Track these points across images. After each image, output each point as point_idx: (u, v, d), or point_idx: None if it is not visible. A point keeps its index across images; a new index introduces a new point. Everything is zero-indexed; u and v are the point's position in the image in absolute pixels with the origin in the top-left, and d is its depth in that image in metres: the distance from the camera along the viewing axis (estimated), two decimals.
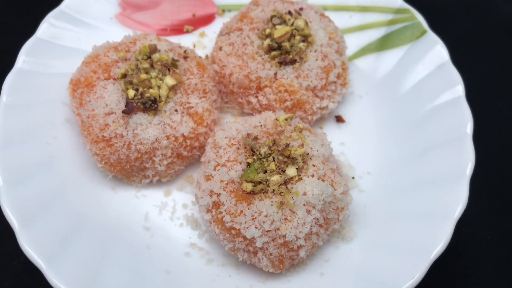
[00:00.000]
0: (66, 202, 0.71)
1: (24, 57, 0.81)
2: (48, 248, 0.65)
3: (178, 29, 0.93)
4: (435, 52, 0.84)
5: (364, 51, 0.90)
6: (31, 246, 0.65)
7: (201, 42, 0.91)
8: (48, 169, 0.74)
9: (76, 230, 0.69)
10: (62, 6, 0.87)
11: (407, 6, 0.89)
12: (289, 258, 0.65)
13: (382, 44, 0.89)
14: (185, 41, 0.92)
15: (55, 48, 0.84)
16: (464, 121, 0.77)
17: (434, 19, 1.00)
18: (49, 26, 0.85)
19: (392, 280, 0.64)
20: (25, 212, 0.68)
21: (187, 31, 0.93)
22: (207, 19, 0.94)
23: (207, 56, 0.89)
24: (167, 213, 0.75)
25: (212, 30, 0.93)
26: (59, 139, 0.78)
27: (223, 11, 0.95)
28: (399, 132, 0.81)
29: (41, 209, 0.69)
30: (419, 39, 0.86)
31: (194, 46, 0.91)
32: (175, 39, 0.92)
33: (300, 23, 0.80)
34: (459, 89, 0.80)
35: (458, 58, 0.92)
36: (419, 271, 0.64)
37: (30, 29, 0.89)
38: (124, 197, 0.76)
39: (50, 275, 0.63)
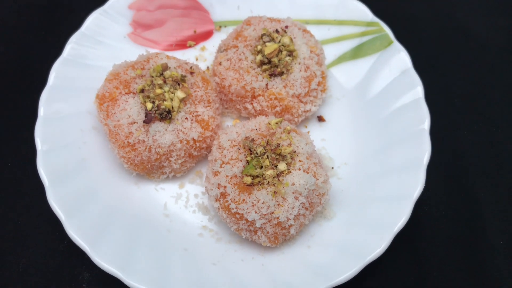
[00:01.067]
0: (99, 196, 0.86)
1: (54, 75, 0.95)
2: (89, 234, 0.80)
3: (182, 44, 1.06)
4: (399, 59, 0.99)
5: (340, 59, 1.05)
6: (76, 233, 0.79)
7: (203, 56, 1.06)
8: (82, 170, 0.88)
9: (109, 218, 0.83)
10: (82, 29, 1.00)
11: (376, 19, 1.03)
12: (282, 235, 0.81)
13: (356, 53, 1.04)
14: (189, 54, 1.06)
15: (79, 66, 0.97)
16: (422, 118, 0.92)
17: (402, 27, 1.15)
18: (73, 47, 0.98)
19: (364, 249, 0.80)
20: (68, 206, 0.82)
21: (190, 46, 1.06)
22: (207, 35, 1.08)
23: (208, 67, 1.04)
24: (182, 202, 0.90)
25: (211, 44, 1.07)
26: (89, 144, 0.92)
27: (220, 27, 1.09)
28: (370, 129, 0.96)
29: (81, 203, 0.83)
30: (387, 49, 1.01)
31: (197, 59, 1.05)
32: (180, 53, 1.06)
33: (286, 40, 0.94)
34: (419, 91, 0.95)
35: (422, 62, 1.08)
36: (385, 242, 0.80)
37: (56, 49, 1.04)
38: (146, 191, 0.90)
39: (93, 256, 0.78)
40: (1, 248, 0.87)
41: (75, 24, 1.10)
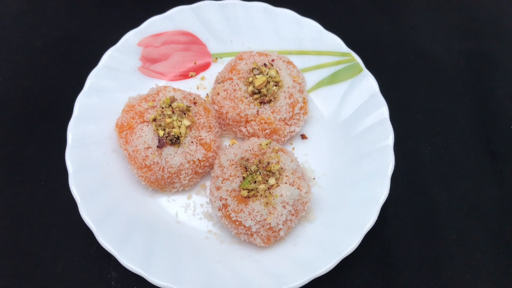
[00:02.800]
0: (122, 208, 1.02)
1: (78, 106, 1.10)
2: (116, 240, 0.96)
3: (185, 75, 1.22)
4: (368, 85, 1.15)
5: (319, 84, 1.21)
6: (105, 239, 0.95)
7: (202, 84, 1.21)
8: (106, 187, 1.04)
9: (131, 227, 0.99)
10: (100, 65, 1.16)
11: (349, 50, 1.18)
12: (273, 237, 0.98)
13: (332, 79, 1.20)
14: (191, 84, 1.21)
15: (99, 97, 1.12)
16: (387, 136, 1.08)
17: (371, 52, 1.32)
18: (92, 82, 1.13)
19: (339, 247, 0.96)
20: (96, 218, 0.98)
21: (191, 76, 1.22)
22: (205, 66, 1.24)
23: (207, 95, 1.20)
24: (190, 211, 1.06)
25: (209, 74, 1.23)
26: (110, 165, 1.07)
27: (216, 58, 1.24)
28: (344, 144, 1.12)
29: (107, 214, 0.99)
30: (357, 75, 1.17)
31: (198, 88, 1.20)
32: (183, 83, 1.21)
33: (272, 72, 1.10)
34: (385, 112, 1.10)
35: (388, 82, 1.25)
36: (357, 239, 0.96)
37: (75, 80, 1.20)
38: (160, 202, 1.07)
39: (121, 258, 0.94)
40: (41, 254, 1.03)
41: (89, 54, 1.26)
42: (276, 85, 1.10)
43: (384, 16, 1.40)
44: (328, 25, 1.23)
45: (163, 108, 1.04)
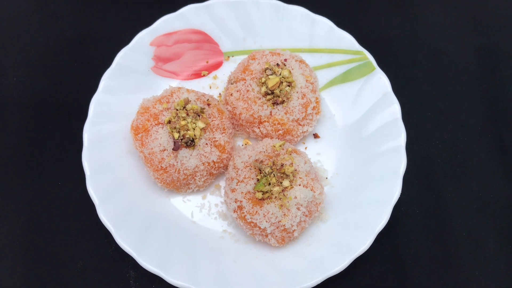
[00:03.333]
0: (139, 209, 1.04)
1: (93, 108, 1.11)
2: (134, 241, 0.98)
3: (197, 74, 1.22)
4: (381, 84, 1.15)
5: (331, 83, 1.21)
6: (124, 240, 0.97)
7: (215, 84, 1.22)
8: (122, 188, 1.05)
9: (148, 228, 1.01)
10: (113, 66, 1.15)
11: (361, 49, 1.18)
12: (288, 237, 1.00)
13: (344, 78, 1.20)
14: (204, 83, 1.21)
15: (112, 98, 1.12)
16: (399, 135, 1.09)
17: (383, 50, 1.32)
18: (106, 83, 1.13)
19: (352, 247, 0.98)
20: (115, 219, 0.99)
21: (204, 75, 1.22)
22: (217, 65, 1.24)
23: (220, 94, 1.20)
24: (205, 210, 1.08)
25: (222, 72, 1.23)
26: (125, 166, 1.08)
27: (228, 57, 1.24)
28: (356, 143, 1.13)
29: (124, 215, 1.00)
30: (370, 74, 1.16)
31: (210, 87, 1.21)
32: (195, 82, 1.22)
33: (285, 73, 1.10)
34: (397, 112, 1.11)
35: (400, 80, 1.25)
36: (369, 240, 0.98)
37: (88, 79, 1.21)
38: (176, 203, 1.08)
39: (139, 259, 0.96)
40: (61, 254, 1.05)
41: (101, 53, 1.27)
42: (289, 86, 1.10)
43: (396, 13, 1.39)
44: (341, 22, 1.23)
45: (177, 110, 1.05)
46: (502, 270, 1.07)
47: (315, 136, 1.17)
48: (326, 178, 1.12)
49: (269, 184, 0.98)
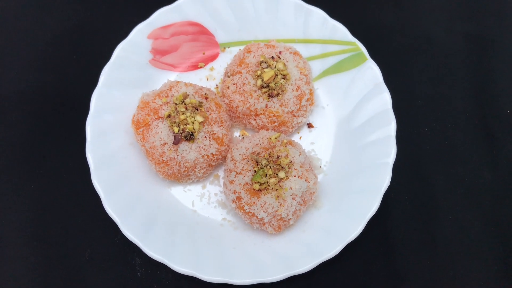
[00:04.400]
0: (143, 200, 1.08)
1: (94, 101, 1.14)
2: (139, 231, 1.03)
3: (194, 66, 1.24)
4: (372, 74, 1.17)
5: (325, 73, 1.24)
6: (129, 231, 1.02)
7: (212, 75, 1.24)
8: (126, 180, 1.09)
9: (152, 218, 1.06)
10: (112, 60, 1.17)
11: (354, 39, 1.20)
12: (284, 226, 1.05)
13: (337, 68, 1.23)
14: (201, 74, 1.24)
15: (112, 92, 1.15)
16: (389, 125, 1.13)
17: (374, 39, 1.34)
18: (105, 77, 1.16)
19: (344, 232, 1.04)
20: (120, 210, 1.04)
21: (201, 67, 1.25)
22: (214, 56, 1.26)
23: (217, 85, 1.23)
24: (205, 200, 1.12)
25: (218, 64, 1.25)
26: (128, 158, 1.13)
27: (224, 48, 1.26)
28: (348, 133, 1.17)
29: (129, 207, 1.05)
30: (362, 65, 1.19)
31: (207, 78, 1.23)
32: (193, 74, 1.24)
33: (280, 65, 1.13)
34: (388, 102, 1.15)
35: (391, 68, 1.29)
36: (360, 226, 1.04)
37: (88, 72, 1.23)
38: (177, 192, 1.13)
39: (144, 247, 1.01)
40: (69, 243, 1.10)
41: (99, 46, 1.29)
42: (283, 78, 1.13)
43: (388, 2, 1.40)
44: (333, 12, 1.24)
45: (176, 104, 1.08)
46: (485, 250, 1.14)
47: (309, 126, 1.21)
48: (320, 166, 1.16)
49: (266, 175, 1.03)
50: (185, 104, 1.08)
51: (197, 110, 1.08)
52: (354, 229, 1.04)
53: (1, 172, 1.17)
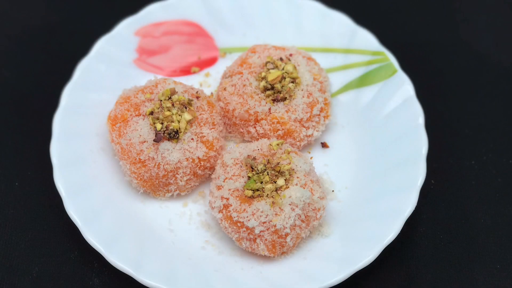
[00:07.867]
0: (110, 210, 1.59)
1: (66, 98, 1.71)
2: (104, 239, 1.54)
3: (186, 70, 1.85)
4: (403, 88, 1.73)
5: (346, 87, 1.81)
6: (93, 239, 1.52)
7: (207, 82, 1.83)
8: (93, 186, 1.62)
9: (120, 227, 1.55)
10: (90, 55, 1.77)
11: (382, 49, 1.78)
12: (279, 244, 1.51)
13: (361, 82, 1.79)
14: (193, 80, 1.82)
15: (87, 90, 1.74)
16: (420, 145, 1.64)
17: (409, 52, 1.96)
18: (82, 72, 1.76)
19: (353, 260, 1.52)
20: (83, 215, 1.54)
21: (194, 72, 1.84)
22: (211, 61, 1.87)
23: (212, 93, 1.82)
24: (185, 219, 1.63)
25: (216, 70, 1.85)
26: (98, 163, 1.67)
27: (225, 53, 1.88)
28: (370, 154, 1.68)
29: (94, 214, 1.56)
30: (391, 78, 1.75)
31: (201, 85, 1.82)
32: (183, 79, 1.81)
33: (289, 67, 1.69)
34: (419, 119, 1.70)
35: (429, 89, 1.88)
36: (373, 253, 1.48)
37: (63, 70, 1.87)
38: (151, 208, 1.63)
39: (110, 258, 1.47)
40: (14, 257, 1.62)
41: (79, 43, 1.95)
42: (292, 82, 1.69)
43: (428, 9, 2.06)
44: (360, 20, 1.87)
45: (161, 101, 1.65)
46: None
47: (324, 145, 1.76)
48: (333, 191, 1.68)
49: (261, 182, 1.54)
50: (172, 100, 1.65)
51: (186, 108, 1.66)
52: (365, 256, 1.51)
53: None
